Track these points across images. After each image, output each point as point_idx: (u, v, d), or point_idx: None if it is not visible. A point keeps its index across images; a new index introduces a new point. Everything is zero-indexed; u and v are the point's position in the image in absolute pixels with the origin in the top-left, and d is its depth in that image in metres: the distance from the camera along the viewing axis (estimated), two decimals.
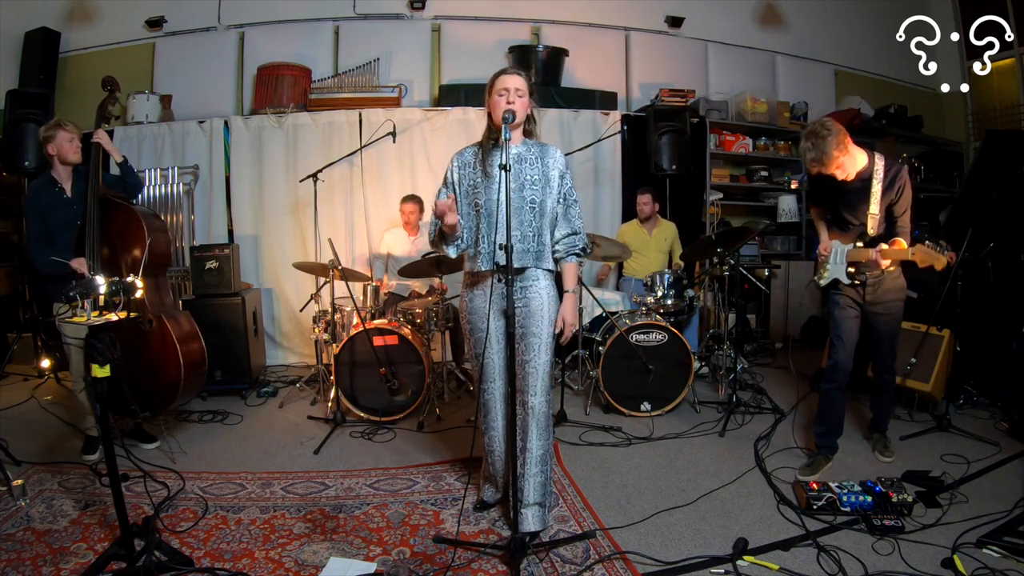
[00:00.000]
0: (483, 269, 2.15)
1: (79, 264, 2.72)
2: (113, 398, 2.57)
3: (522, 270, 2.15)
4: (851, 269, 2.63)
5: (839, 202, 2.68)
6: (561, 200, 2.20)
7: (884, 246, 2.47)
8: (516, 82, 2.11)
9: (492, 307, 2.12)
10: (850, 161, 2.49)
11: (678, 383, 3.55)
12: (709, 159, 5.41)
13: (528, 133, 2.22)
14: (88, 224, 2.78)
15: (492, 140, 2.18)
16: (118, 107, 3.40)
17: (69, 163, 2.93)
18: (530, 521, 2.18)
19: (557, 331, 2.20)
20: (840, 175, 2.50)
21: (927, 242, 2.35)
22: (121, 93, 3.26)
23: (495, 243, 2.03)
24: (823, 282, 2.77)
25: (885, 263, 2.47)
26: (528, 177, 2.14)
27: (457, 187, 2.22)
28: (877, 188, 2.50)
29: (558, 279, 2.28)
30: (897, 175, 2.51)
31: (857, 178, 2.54)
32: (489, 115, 2.18)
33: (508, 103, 2.07)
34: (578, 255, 2.26)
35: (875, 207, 2.51)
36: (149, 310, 2.91)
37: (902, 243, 2.46)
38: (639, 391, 3.52)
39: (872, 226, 2.54)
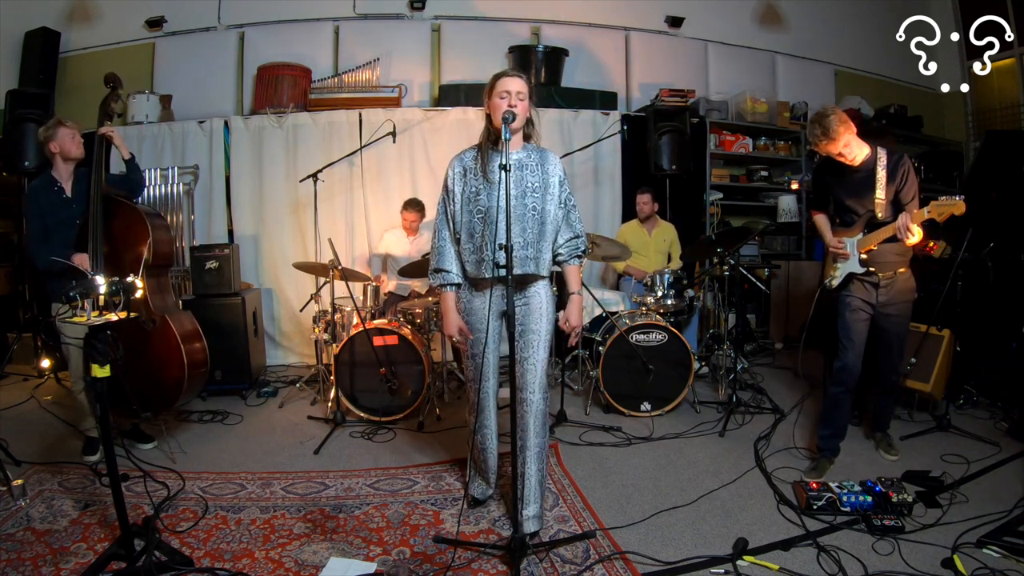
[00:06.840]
0: (486, 276, 2.14)
1: (80, 260, 2.67)
2: (114, 397, 2.58)
3: (524, 277, 2.16)
4: (863, 256, 2.64)
5: (844, 193, 2.71)
6: (562, 205, 2.22)
7: (913, 210, 2.47)
8: (517, 85, 2.09)
9: (492, 308, 2.14)
10: (856, 144, 2.57)
11: (678, 383, 3.55)
12: (709, 159, 5.41)
13: (527, 137, 2.21)
14: (91, 222, 2.77)
15: (491, 143, 2.18)
16: (121, 104, 3.36)
17: (72, 158, 2.92)
18: (530, 523, 2.19)
19: (567, 331, 2.26)
20: (848, 155, 2.56)
21: (938, 198, 2.38)
22: (124, 89, 3.23)
23: (496, 248, 2.00)
24: (836, 282, 2.74)
25: (915, 229, 2.43)
26: (529, 184, 2.14)
27: (459, 195, 2.19)
28: (882, 174, 2.58)
29: (554, 278, 2.31)
30: (899, 162, 2.59)
31: (862, 166, 2.61)
32: (488, 117, 2.16)
33: (510, 105, 2.06)
34: (580, 257, 2.29)
35: (880, 192, 2.58)
36: (153, 310, 2.90)
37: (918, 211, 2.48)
38: (639, 391, 3.52)
39: (880, 210, 2.59)
